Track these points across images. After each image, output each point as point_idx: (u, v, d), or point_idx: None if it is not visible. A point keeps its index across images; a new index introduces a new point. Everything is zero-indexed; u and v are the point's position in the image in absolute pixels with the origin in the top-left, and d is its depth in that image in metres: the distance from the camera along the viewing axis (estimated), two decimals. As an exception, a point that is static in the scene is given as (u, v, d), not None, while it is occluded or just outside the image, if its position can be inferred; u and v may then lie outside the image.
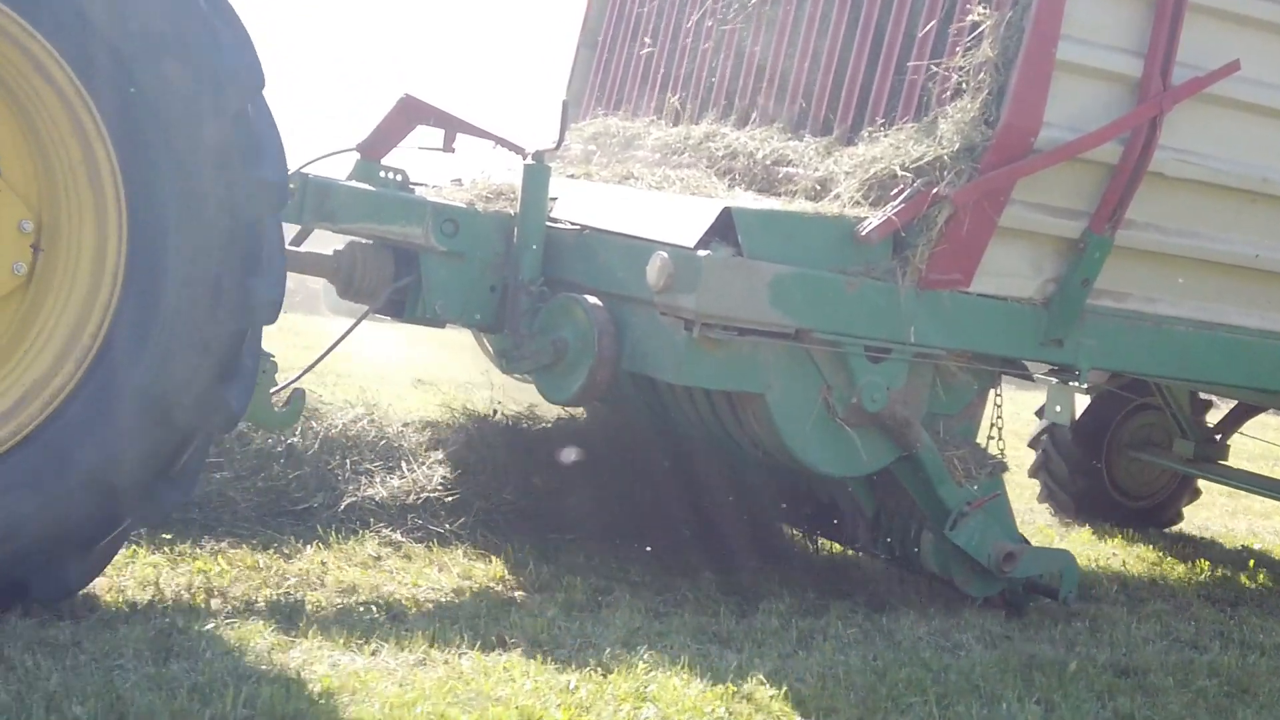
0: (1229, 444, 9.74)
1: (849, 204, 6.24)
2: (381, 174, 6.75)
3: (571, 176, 7.48)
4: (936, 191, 6.09)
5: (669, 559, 6.96)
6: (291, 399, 5.99)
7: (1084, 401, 9.84)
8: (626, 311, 6.26)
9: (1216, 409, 9.98)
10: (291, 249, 6.70)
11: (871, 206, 6.20)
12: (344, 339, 6.58)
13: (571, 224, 6.67)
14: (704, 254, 5.89)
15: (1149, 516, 9.97)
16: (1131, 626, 6.83)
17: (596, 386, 6.23)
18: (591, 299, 6.29)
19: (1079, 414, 9.71)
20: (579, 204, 6.82)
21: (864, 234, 6.08)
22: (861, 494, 6.94)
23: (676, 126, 7.58)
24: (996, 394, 6.89)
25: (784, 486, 7.48)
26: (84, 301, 4.83)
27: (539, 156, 6.63)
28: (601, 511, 7.20)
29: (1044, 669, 5.85)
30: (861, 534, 7.17)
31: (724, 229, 6.01)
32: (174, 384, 4.86)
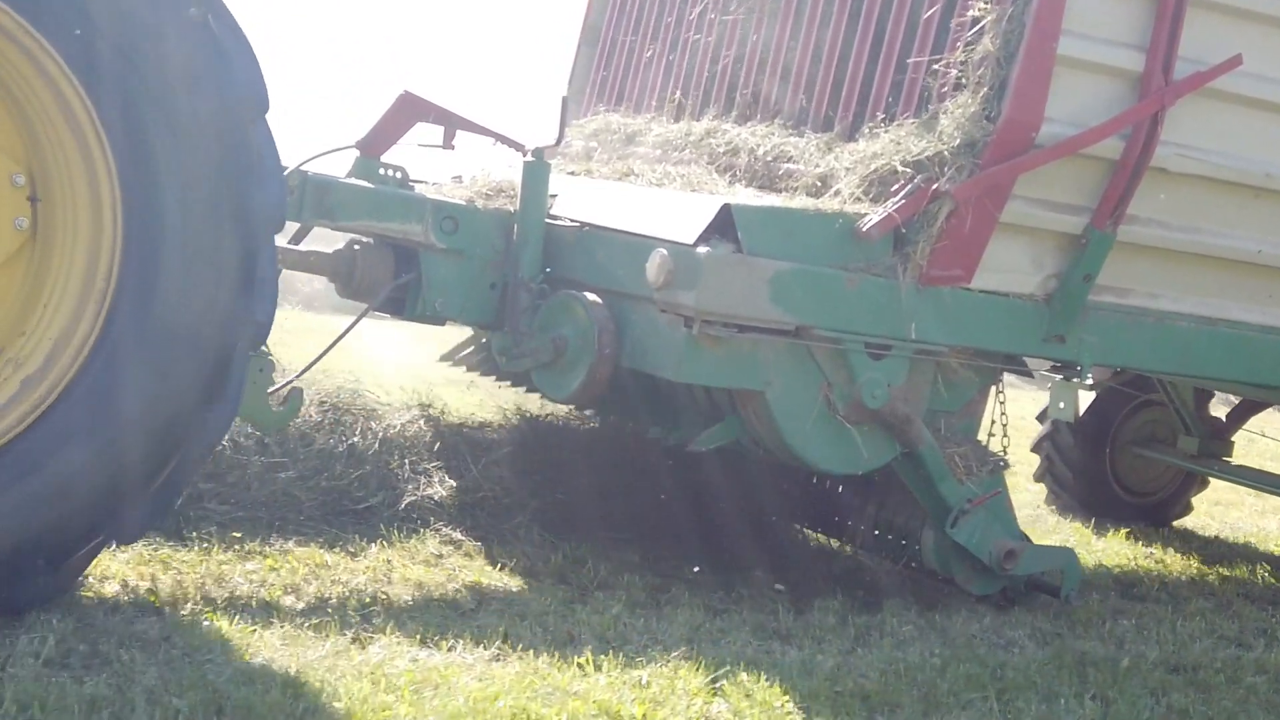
0: (1233, 440, 9.71)
1: (849, 200, 6.22)
2: (381, 171, 6.75)
3: (572, 173, 7.47)
4: (937, 187, 6.07)
5: (721, 557, 7.07)
6: (289, 397, 5.97)
7: (1087, 398, 9.81)
8: (626, 309, 6.24)
9: (1221, 405, 9.95)
10: (291, 247, 6.71)
11: (872, 203, 6.17)
12: (343, 337, 6.55)
13: (571, 221, 6.65)
14: (703, 251, 5.87)
15: (1154, 513, 9.94)
16: (1177, 624, 6.89)
17: (596, 384, 6.21)
18: (591, 296, 6.27)
19: (1082, 411, 9.68)
20: (579, 201, 6.80)
21: (864, 230, 6.05)
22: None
23: (678, 123, 7.56)
24: (999, 391, 6.87)
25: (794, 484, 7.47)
26: (90, 249, 4.79)
27: (539, 153, 6.61)
28: (652, 511, 7.26)
29: (1097, 666, 5.95)
30: (864, 532, 7.15)
31: (724, 226, 5.99)
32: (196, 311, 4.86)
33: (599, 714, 4.72)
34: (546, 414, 7.81)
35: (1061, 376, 7.04)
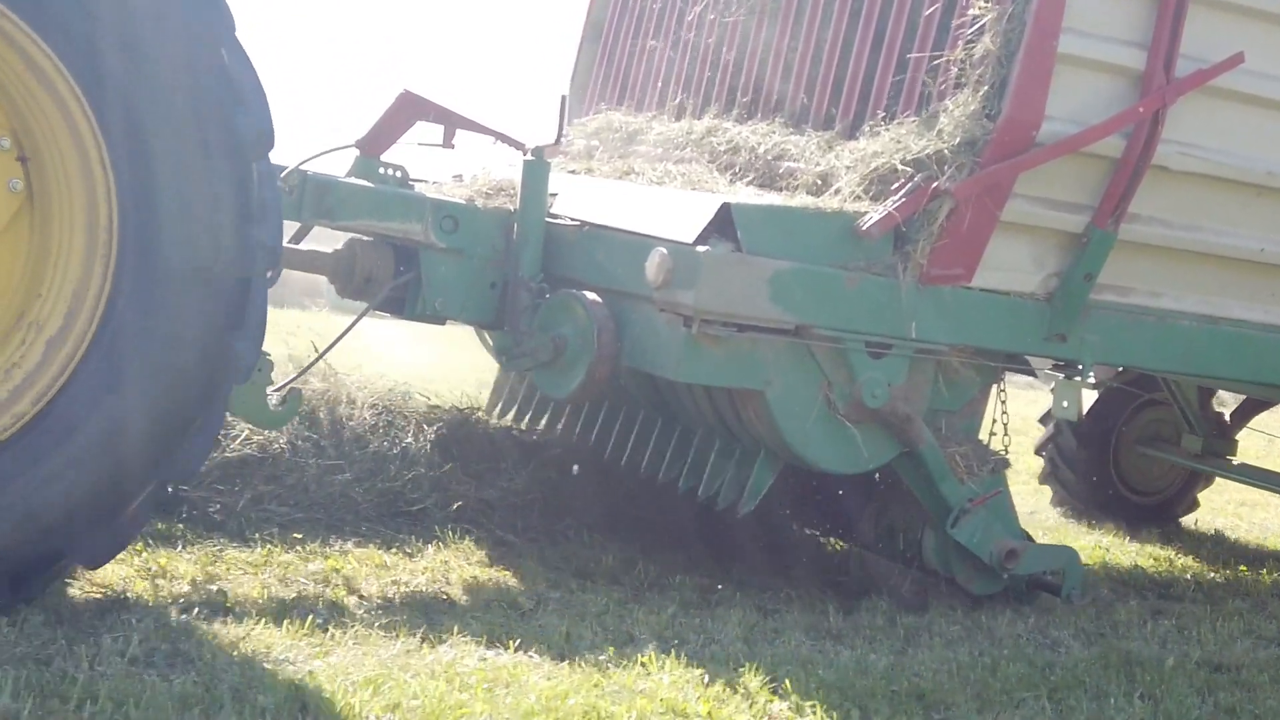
0: (1238, 439, 9.69)
1: (849, 199, 6.20)
2: (381, 170, 6.75)
3: (572, 172, 7.45)
4: (937, 186, 6.04)
5: (767, 559, 7.16)
6: (287, 397, 5.96)
7: (1091, 398, 9.79)
8: (626, 308, 6.22)
9: (1223, 405, 9.93)
10: (291, 247, 6.71)
11: (872, 201, 6.15)
12: (342, 337, 6.55)
13: (571, 220, 6.64)
14: (703, 250, 5.86)
15: (1158, 513, 9.91)
16: (1216, 625, 6.91)
17: (595, 383, 6.20)
18: (591, 295, 6.25)
19: (1086, 410, 9.66)
20: (579, 200, 6.80)
21: (864, 229, 6.04)
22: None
23: (679, 121, 7.54)
24: (1000, 390, 6.85)
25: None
26: (86, 203, 4.76)
27: (538, 152, 6.60)
28: (693, 513, 7.26)
29: (1143, 665, 5.99)
30: (865, 532, 7.14)
31: (723, 225, 5.97)
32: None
33: (666, 712, 4.83)
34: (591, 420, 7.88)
35: (1063, 376, 7.01)
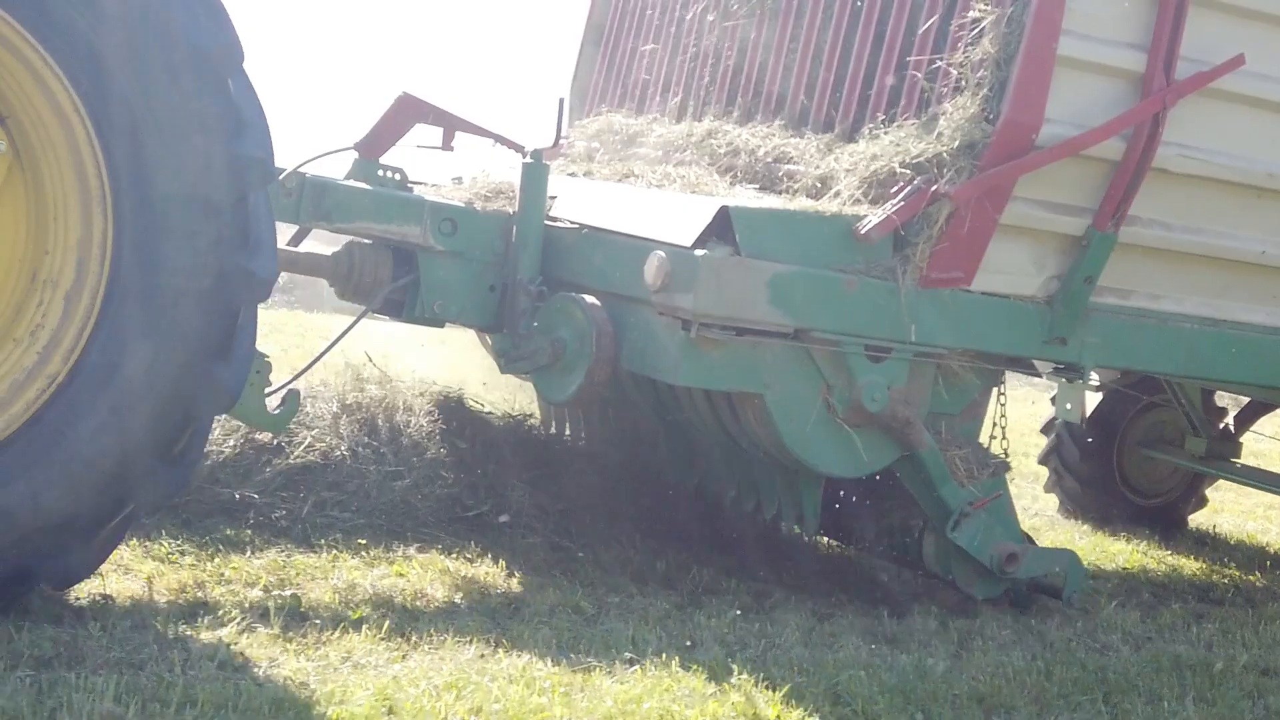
0: (1241, 441, 9.66)
1: (849, 202, 6.19)
2: (380, 173, 6.72)
3: (572, 174, 7.44)
4: (937, 189, 6.03)
5: (821, 564, 7.28)
6: (286, 398, 5.95)
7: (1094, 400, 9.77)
8: (625, 311, 6.21)
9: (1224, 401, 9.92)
10: (290, 249, 6.70)
11: (871, 204, 6.14)
12: (340, 339, 6.54)
13: (571, 223, 6.63)
14: (701, 253, 5.85)
15: (1162, 515, 9.88)
16: (1259, 628, 6.98)
17: (594, 387, 6.19)
18: (590, 298, 6.24)
19: (1089, 412, 9.65)
20: (578, 202, 6.78)
21: (863, 232, 6.02)
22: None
23: (679, 124, 7.53)
24: (1000, 394, 6.83)
25: None
26: (70, 153, 4.74)
27: (537, 155, 6.59)
28: (745, 518, 7.29)
29: (1193, 669, 6.09)
30: (866, 534, 7.12)
31: (722, 228, 5.96)
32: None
33: (737, 715, 4.92)
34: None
35: (1065, 379, 7.00)
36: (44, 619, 4.90)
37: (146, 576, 5.57)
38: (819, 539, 7.42)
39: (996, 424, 6.84)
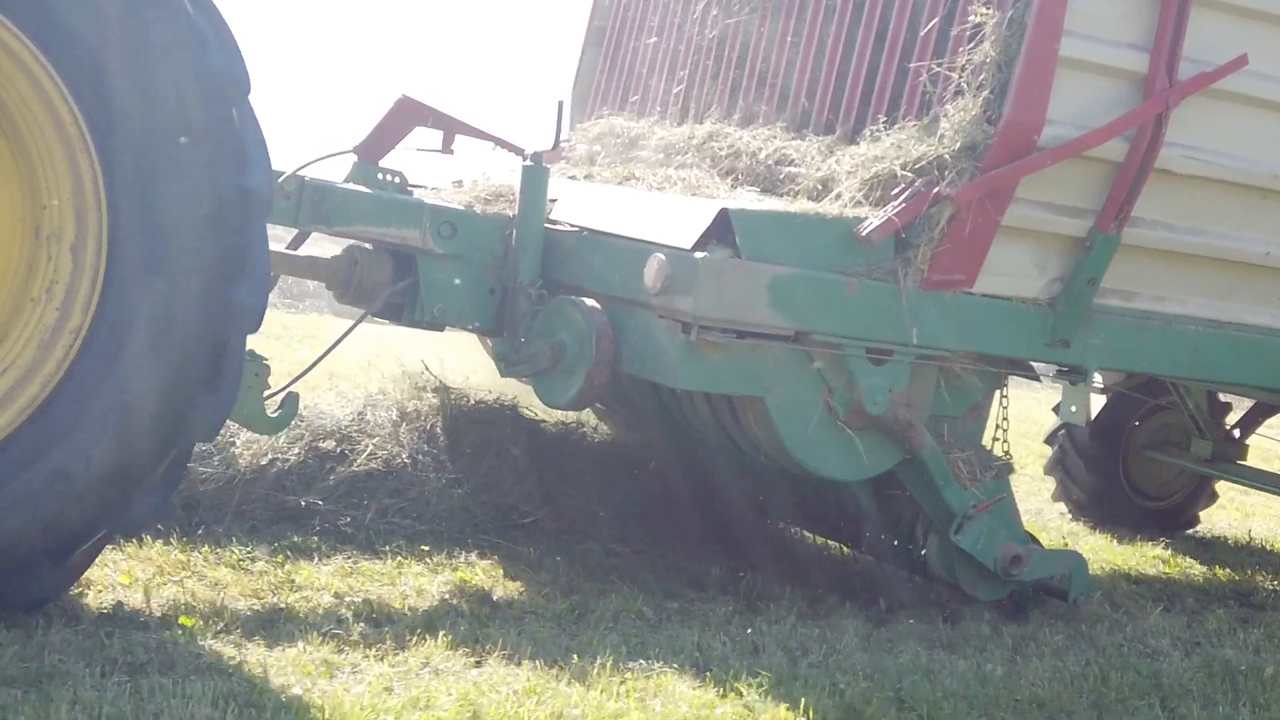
0: (1247, 444, 9.62)
1: (850, 204, 6.15)
2: (380, 176, 6.69)
3: (572, 178, 7.42)
4: (938, 191, 6.00)
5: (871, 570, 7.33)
6: (285, 402, 5.92)
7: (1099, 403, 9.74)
8: (625, 314, 6.18)
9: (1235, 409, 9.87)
10: (289, 252, 6.69)
11: (873, 206, 6.11)
12: (339, 343, 6.51)
13: (571, 226, 6.60)
14: (700, 255, 5.82)
15: (1168, 518, 9.85)
16: None
17: (594, 390, 6.16)
18: (590, 301, 6.22)
19: (1094, 416, 9.61)
20: (579, 205, 6.75)
21: (864, 234, 5.99)
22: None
23: (681, 126, 7.50)
24: (1002, 395, 6.80)
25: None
26: (55, 127, 4.73)
27: (537, 157, 6.57)
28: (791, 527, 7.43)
29: (1244, 674, 6.15)
30: (869, 537, 7.09)
31: (722, 230, 5.93)
32: None
33: None
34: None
35: (1069, 381, 6.96)
36: (130, 625, 5.04)
37: (222, 583, 5.71)
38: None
39: (999, 426, 6.80)
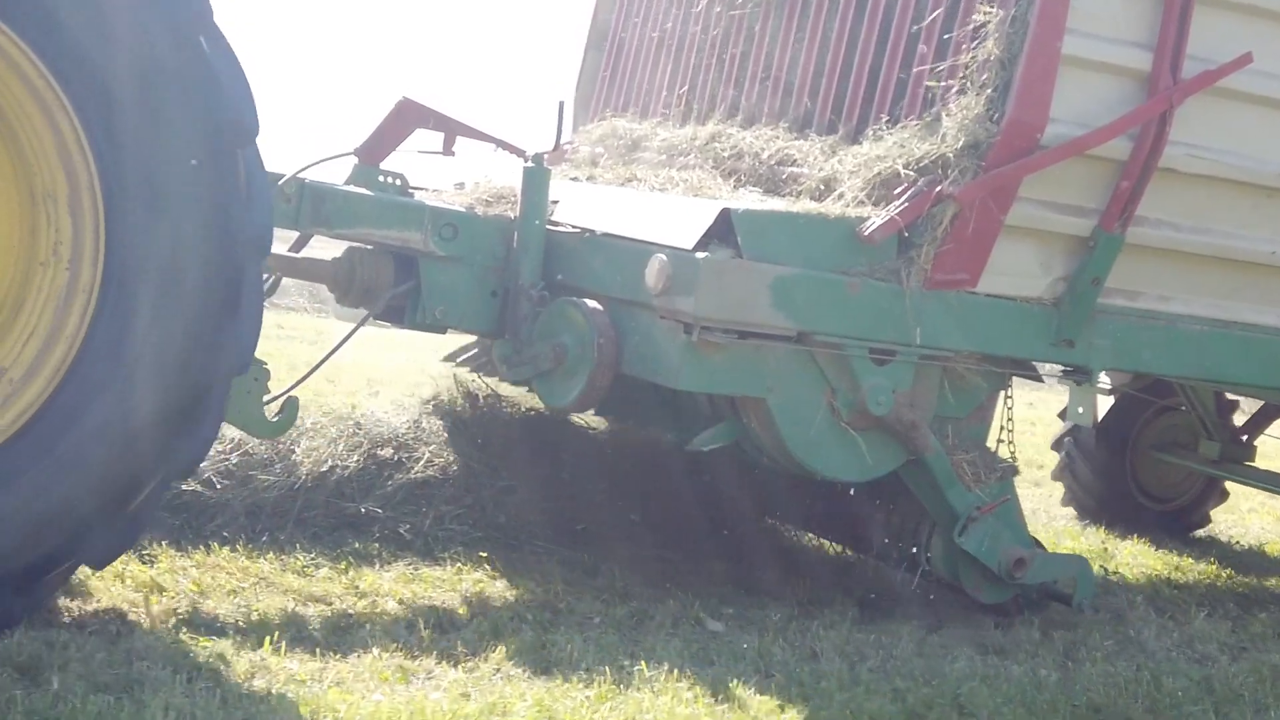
0: (1256, 445, 9.57)
1: (852, 204, 6.12)
2: (380, 178, 6.68)
3: (574, 179, 7.39)
4: (941, 190, 5.97)
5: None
6: (285, 406, 5.90)
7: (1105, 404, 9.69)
8: (627, 315, 6.15)
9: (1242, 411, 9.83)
10: (290, 255, 6.66)
11: (875, 206, 6.08)
12: (340, 346, 6.49)
13: (572, 227, 6.58)
14: (702, 256, 5.80)
15: (1176, 520, 9.80)
16: None
17: (596, 392, 6.13)
18: (591, 303, 6.19)
19: (1100, 419, 9.56)
20: (580, 207, 6.73)
21: (867, 234, 5.96)
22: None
23: (684, 128, 7.48)
24: (1007, 396, 6.76)
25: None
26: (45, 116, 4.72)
27: (538, 159, 6.54)
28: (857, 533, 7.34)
29: None
30: (875, 540, 7.05)
31: (723, 230, 5.91)
32: None
33: None
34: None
35: (1075, 381, 6.92)
36: (207, 631, 5.16)
37: (290, 590, 5.80)
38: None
39: (1004, 427, 6.76)
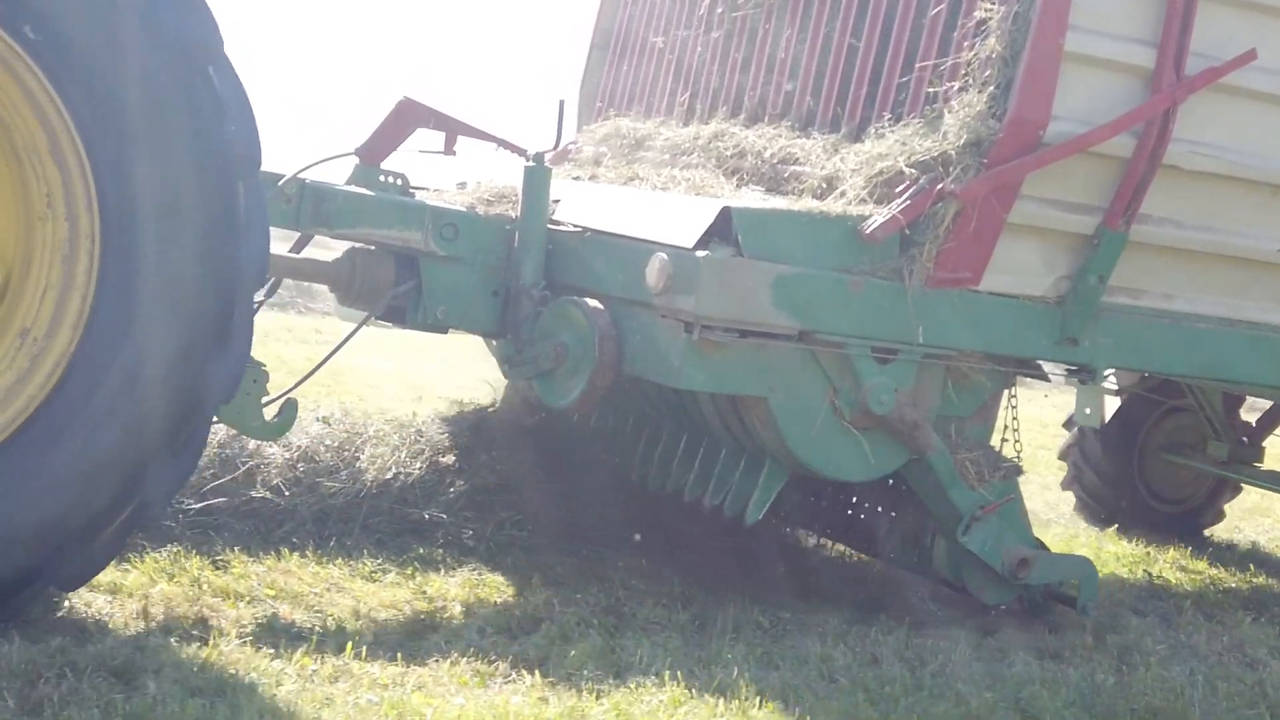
0: (1264, 445, 9.52)
1: (854, 202, 6.10)
2: (381, 178, 6.66)
3: (577, 178, 7.37)
4: (943, 188, 5.94)
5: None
6: (284, 408, 5.88)
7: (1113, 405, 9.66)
8: (628, 315, 6.13)
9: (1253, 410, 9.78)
10: (291, 255, 6.65)
11: (877, 204, 6.05)
12: (340, 347, 6.47)
13: (573, 226, 6.56)
14: (702, 254, 5.77)
15: (1185, 521, 9.75)
16: None
17: (597, 391, 6.11)
18: (592, 302, 6.17)
19: (1109, 417, 9.53)
20: (581, 206, 6.71)
21: (868, 232, 5.93)
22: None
23: (687, 127, 7.46)
24: (1011, 395, 6.73)
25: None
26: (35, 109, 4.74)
27: (539, 158, 6.52)
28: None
29: None
30: (880, 540, 7.03)
31: (724, 229, 5.88)
32: None
33: None
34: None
35: (1081, 381, 6.89)
36: (286, 635, 5.25)
37: (361, 595, 5.90)
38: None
39: (1008, 426, 6.72)
